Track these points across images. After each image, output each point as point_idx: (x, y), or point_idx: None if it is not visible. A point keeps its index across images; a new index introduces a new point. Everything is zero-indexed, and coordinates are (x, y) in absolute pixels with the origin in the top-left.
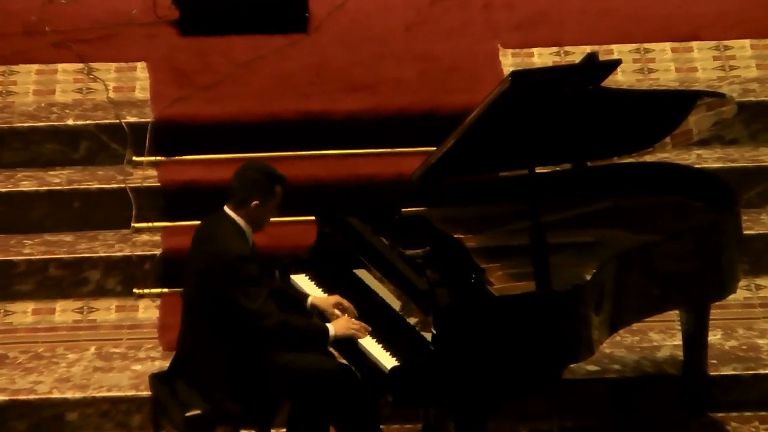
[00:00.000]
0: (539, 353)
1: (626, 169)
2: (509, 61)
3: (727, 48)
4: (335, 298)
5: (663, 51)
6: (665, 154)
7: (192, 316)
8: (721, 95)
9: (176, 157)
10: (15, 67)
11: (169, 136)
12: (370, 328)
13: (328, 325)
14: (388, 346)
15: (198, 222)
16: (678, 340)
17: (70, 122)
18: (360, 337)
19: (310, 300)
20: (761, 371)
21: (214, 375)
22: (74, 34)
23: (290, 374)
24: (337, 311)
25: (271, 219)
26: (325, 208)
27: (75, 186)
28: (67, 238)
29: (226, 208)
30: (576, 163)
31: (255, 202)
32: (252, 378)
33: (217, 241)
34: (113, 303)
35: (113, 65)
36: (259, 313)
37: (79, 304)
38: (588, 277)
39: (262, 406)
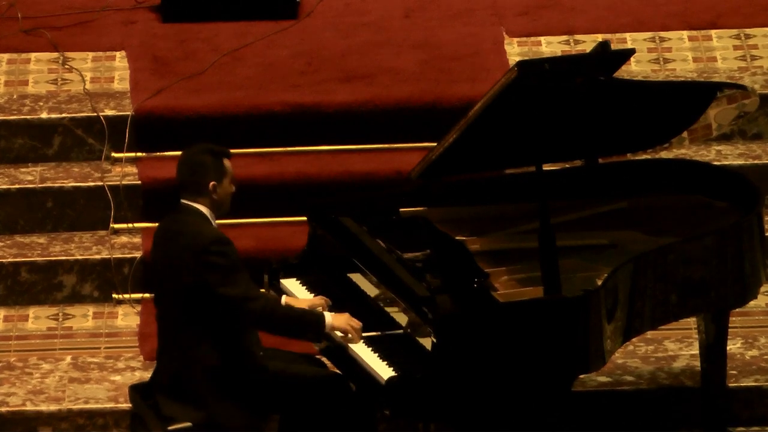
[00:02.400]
0: (547, 364)
1: (641, 166)
2: (515, 50)
3: (748, 36)
4: (319, 299)
5: (680, 39)
6: (683, 151)
7: (169, 322)
8: (743, 87)
9: (157, 153)
10: None
11: (149, 130)
12: (362, 334)
13: (325, 313)
14: (385, 356)
15: None
16: (695, 350)
17: (43, 115)
18: (355, 341)
19: (283, 301)
20: None
21: (203, 380)
22: (48, 21)
23: (279, 385)
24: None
25: (259, 220)
26: (316, 207)
27: (48, 184)
28: (40, 239)
29: (184, 201)
30: (587, 160)
31: (212, 183)
32: (241, 382)
33: (187, 232)
34: (90, 309)
35: (90, 54)
36: (243, 297)
37: (53, 310)
38: (600, 283)
39: (254, 414)
